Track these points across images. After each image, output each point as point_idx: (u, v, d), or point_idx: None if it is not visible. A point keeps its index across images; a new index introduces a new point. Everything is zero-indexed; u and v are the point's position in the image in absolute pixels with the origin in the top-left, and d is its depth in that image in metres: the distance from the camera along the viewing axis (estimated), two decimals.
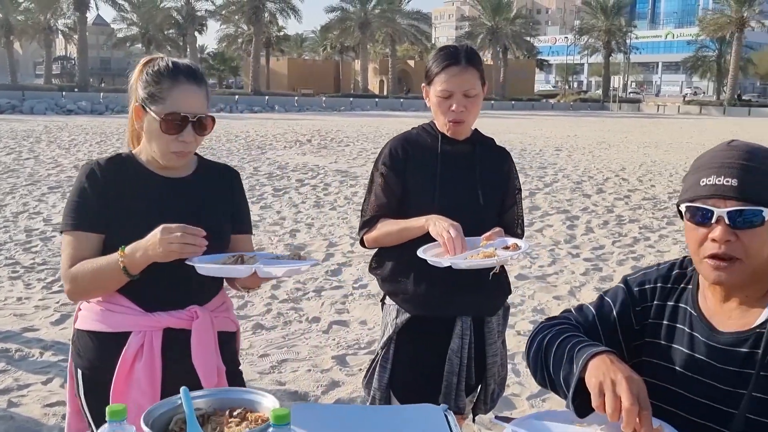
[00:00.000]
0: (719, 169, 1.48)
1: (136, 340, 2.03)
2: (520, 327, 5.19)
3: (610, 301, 1.72)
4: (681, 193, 1.58)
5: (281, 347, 4.83)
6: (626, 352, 1.68)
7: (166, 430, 1.61)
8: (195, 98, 2.06)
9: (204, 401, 1.70)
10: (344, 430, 1.72)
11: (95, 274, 1.98)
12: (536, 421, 1.54)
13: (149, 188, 2.11)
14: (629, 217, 9.68)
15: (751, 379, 1.47)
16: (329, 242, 7.85)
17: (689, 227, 1.54)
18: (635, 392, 1.39)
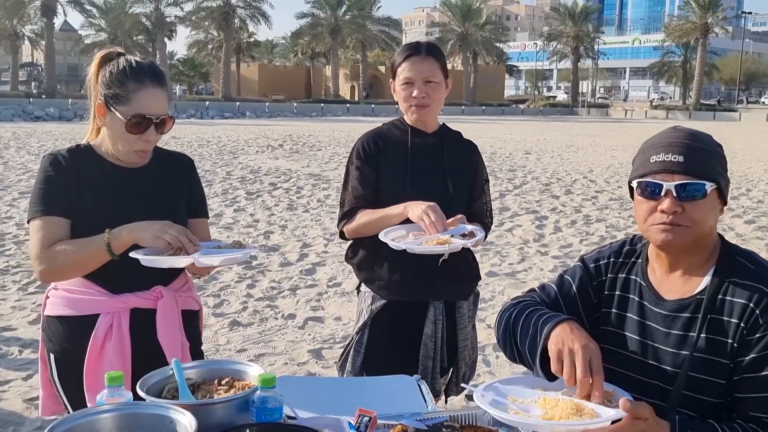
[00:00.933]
0: (667, 147, 1.66)
1: (105, 321, 2.15)
2: (490, 320, 5.35)
3: (569, 279, 1.88)
4: (632, 172, 1.75)
5: (258, 342, 4.94)
6: (587, 324, 1.83)
7: (158, 397, 1.72)
8: (159, 100, 2.17)
9: (194, 371, 1.82)
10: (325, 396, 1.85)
11: (76, 253, 2.07)
12: (501, 385, 1.68)
13: (109, 178, 2.21)
14: (597, 217, 9.92)
15: (691, 341, 1.64)
16: (303, 243, 7.96)
17: (639, 201, 1.70)
18: (589, 360, 1.54)
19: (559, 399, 1.55)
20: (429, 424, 1.75)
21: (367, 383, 2.03)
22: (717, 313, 1.65)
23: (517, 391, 1.64)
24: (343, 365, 2.69)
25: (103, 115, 2.16)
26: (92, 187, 2.18)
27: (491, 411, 1.52)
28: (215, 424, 1.60)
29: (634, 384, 1.69)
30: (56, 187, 2.15)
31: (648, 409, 1.46)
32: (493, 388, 1.64)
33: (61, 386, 2.23)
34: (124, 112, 2.12)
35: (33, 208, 2.15)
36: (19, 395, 3.98)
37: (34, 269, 2.14)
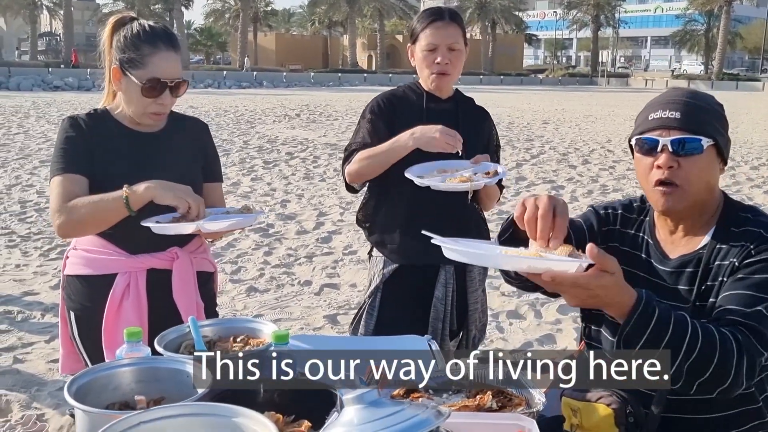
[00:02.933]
0: (665, 104, 1.68)
1: (123, 280, 2.21)
2: (504, 288, 5.39)
3: (580, 220, 1.90)
4: (632, 131, 1.76)
5: (274, 308, 5.01)
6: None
7: (176, 353, 1.78)
8: (173, 64, 2.21)
9: (210, 329, 1.88)
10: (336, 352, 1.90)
11: (95, 206, 2.11)
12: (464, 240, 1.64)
13: (125, 142, 2.26)
14: (613, 187, 9.88)
15: (693, 293, 1.67)
16: (319, 212, 8.01)
17: (638, 158, 1.73)
18: (554, 203, 1.44)
19: (521, 250, 1.47)
20: (439, 381, 1.80)
21: (378, 342, 2.08)
22: (715, 260, 1.67)
23: (479, 246, 1.60)
24: (356, 329, 2.74)
25: (119, 79, 2.20)
26: (109, 150, 2.22)
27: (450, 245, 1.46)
28: None
29: None
30: (76, 147, 2.20)
31: (616, 265, 1.37)
32: (454, 241, 1.59)
33: (81, 343, 2.30)
34: (140, 76, 2.15)
35: (54, 167, 2.20)
36: (41, 357, 4.08)
37: (53, 224, 2.19)
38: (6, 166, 10.56)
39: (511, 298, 5.24)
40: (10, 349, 4.18)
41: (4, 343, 4.28)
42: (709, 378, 1.48)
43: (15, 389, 3.66)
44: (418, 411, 1.20)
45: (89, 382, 1.55)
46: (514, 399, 1.73)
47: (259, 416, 1.35)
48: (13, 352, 4.14)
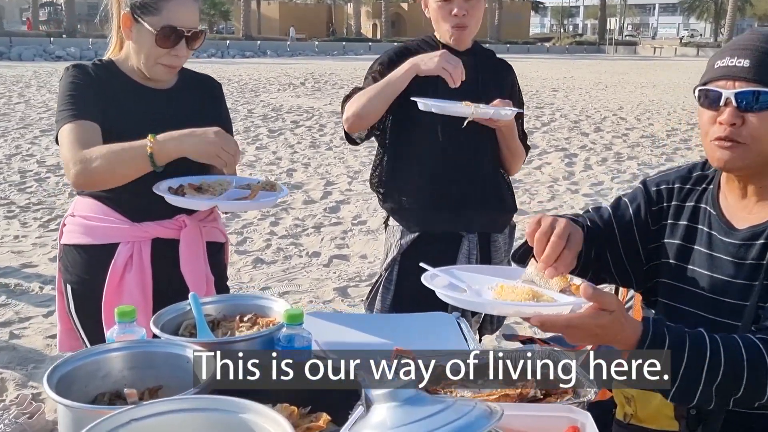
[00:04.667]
0: (734, 51, 1.45)
1: (125, 250, 2.00)
2: None
3: (627, 201, 1.69)
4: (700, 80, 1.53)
5: (282, 280, 4.82)
6: (643, 254, 1.65)
7: (175, 335, 1.58)
8: (191, 11, 1.99)
9: (213, 307, 1.67)
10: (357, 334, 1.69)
11: (115, 157, 1.85)
12: (458, 271, 1.52)
13: (134, 98, 2.04)
14: (628, 155, 9.62)
15: (764, 268, 1.45)
16: (326, 181, 7.79)
17: (701, 112, 1.51)
18: (568, 232, 1.40)
19: (516, 286, 1.39)
20: None
21: (402, 320, 1.87)
22: None
23: (473, 278, 1.48)
24: (372, 303, 2.53)
25: (129, 27, 1.97)
26: (115, 104, 2.00)
27: (430, 285, 1.40)
28: None
29: (700, 322, 1.50)
30: (85, 93, 1.97)
31: (615, 302, 1.27)
32: (449, 272, 1.50)
33: (78, 320, 2.11)
34: (154, 24, 1.93)
35: (62, 115, 1.95)
36: (39, 332, 3.90)
37: (68, 175, 1.92)
38: (6, 136, 10.33)
39: None
40: (6, 324, 4.00)
41: (1, 317, 4.10)
42: (744, 395, 1.32)
43: (11, 367, 3.48)
44: (465, 409, 0.99)
45: (74, 370, 1.34)
46: (559, 386, 1.52)
47: (269, 411, 1.14)
48: (9, 327, 3.96)
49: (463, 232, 2.44)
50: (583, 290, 1.26)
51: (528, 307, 1.32)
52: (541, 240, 1.40)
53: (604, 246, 1.65)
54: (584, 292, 1.26)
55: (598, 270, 1.67)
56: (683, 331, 1.37)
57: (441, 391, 1.48)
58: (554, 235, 1.39)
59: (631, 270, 1.67)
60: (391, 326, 1.79)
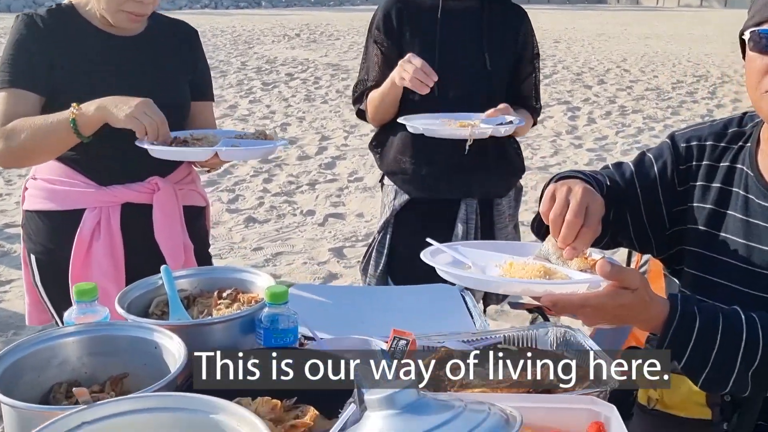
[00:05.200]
0: None
1: (92, 217, 1.81)
2: (523, 217, 4.99)
3: (651, 158, 1.49)
4: (746, 21, 1.31)
5: (275, 240, 4.65)
6: (667, 217, 1.46)
7: (145, 314, 1.40)
8: None
9: (188, 281, 1.49)
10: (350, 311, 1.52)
11: (38, 131, 1.70)
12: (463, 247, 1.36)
13: (95, 47, 1.83)
14: (632, 108, 9.37)
15: None
16: (322, 135, 7.56)
17: (752, 58, 1.29)
18: (585, 205, 1.22)
19: (527, 263, 1.24)
20: (479, 346, 1.42)
21: (401, 294, 1.70)
22: None
23: (479, 255, 1.32)
24: (366, 268, 2.35)
25: None
26: (74, 56, 1.80)
27: (430, 262, 1.25)
28: (213, 347, 1.27)
29: (735, 296, 1.33)
30: (29, 54, 1.77)
31: (638, 279, 1.13)
32: (454, 248, 1.34)
33: (45, 293, 1.93)
34: None
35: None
36: (20, 296, 3.73)
37: None
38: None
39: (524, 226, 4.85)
40: None
41: None
42: None
43: None
44: (477, 418, 0.81)
45: (24, 358, 1.17)
46: (577, 370, 1.35)
47: (244, 412, 0.97)
48: None
49: (462, 197, 2.25)
50: (600, 268, 1.10)
51: (538, 285, 1.16)
52: (557, 221, 1.24)
53: (624, 207, 1.47)
54: (602, 269, 1.10)
55: (616, 233, 1.49)
56: (716, 310, 1.21)
57: (446, 378, 1.32)
58: (569, 214, 1.22)
59: (652, 234, 1.49)
60: (389, 301, 1.61)
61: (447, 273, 1.21)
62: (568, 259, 1.23)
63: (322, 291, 1.71)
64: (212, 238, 4.84)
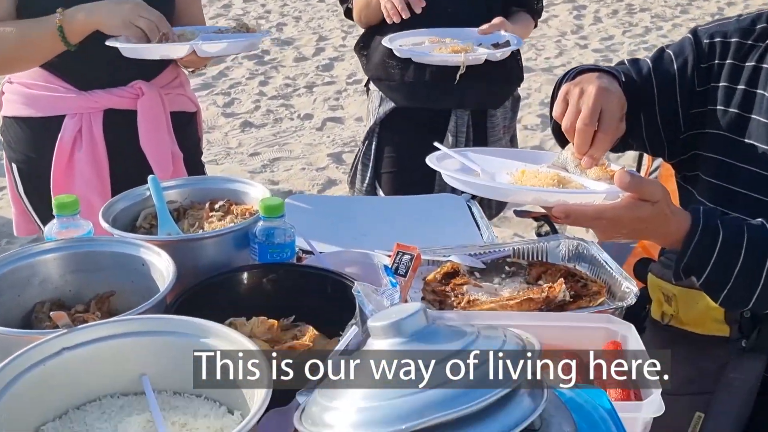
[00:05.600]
0: None
1: (72, 124, 1.71)
2: (527, 121, 4.88)
3: (671, 54, 1.37)
4: None
5: (272, 145, 4.54)
6: (683, 120, 1.35)
7: (132, 228, 1.32)
8: None
9: (178, 192, 1.40)
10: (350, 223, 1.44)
11: (20, 37, 1.58)
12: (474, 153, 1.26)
13: None
14: (640, 6, 9.00)
15: None
16: (319, 36, 7.29)
17: None
18: (599, 108, 1.13)
19: (540, 171, 1.16)
20: (486, 260, 1.35)
21: (404, 204, 1.61)
22: None
23: (490, 162, 1.22)
24: (353, 180, 2.24)
25: None
26: None
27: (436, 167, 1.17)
28: (205, 264, 1.20)
29: (757, 207, 1.24)
30: None
31: (659, 191, 1.05)
32: (463, 154, 1.25)
33: (29, 203, 1.85)
34: None
35: None
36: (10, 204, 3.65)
37: None
38: None
39: (534, 132, 4.73)
40: None
41: None
42: None
43: None
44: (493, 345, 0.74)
45: (1, 277, 1.09)
46: (590, 285, 1.29)
47: (237, 337, 0.90)
48: None
49: (452, 107, 2.09)
50: (618, 178, 1.01)
51: (551, 194, 1.07)
52: (569, 131, 1.14)
53: (638, 106, 1.35)
54: (620, 180, 1.01)
55: (627, 134, 1.38)
56: (740, 223, 1.12)
57: (452, 295, 1.25)
58: (580, 122, 1.12)
59: (665, 137, 1.38)
60: (392, 212, 1.53)
61: (454, 179, 1.12)
62: (586, 168, 1.14)
63: (321, 202, 1.63)
64: (207, 144, 4.76)
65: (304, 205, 1.51)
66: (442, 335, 0.76)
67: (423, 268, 1.34)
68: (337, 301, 1.09)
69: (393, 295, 1.03)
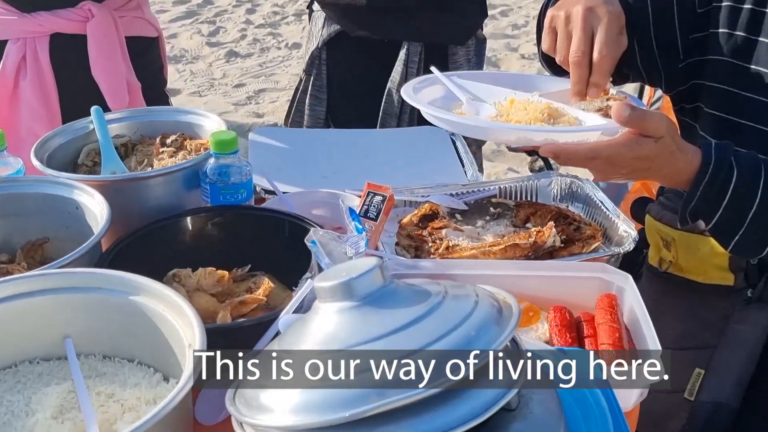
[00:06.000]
0: None
1: (15, 50, 1.55)
2: (525, 50, 4.67)
3: None
4: None
5: (258, 76, 4.35)
6: (681, 46, 1.19)
7: (74, 165, 1.18)
8: None
9: (126, 125, 1.26)
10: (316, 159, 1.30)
11: None
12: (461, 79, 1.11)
13: None
14: None
15: None
16: None
17: None
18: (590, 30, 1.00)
19: (531, 100, 1.01)
20: (469, 200, 1.22)
21: (379, 137, 1.46)
22: None
23: (479, 89, 1.07)
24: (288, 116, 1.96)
25: None
26: None
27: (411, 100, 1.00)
28: (151, 207, 1.07)
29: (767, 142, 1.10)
30: None
31: (664, 125, 0.90)
32: (451, 78, 1.09)
33: None
34: None
35: None
36: None
37: None
38: None
39: (532, 61, 4.53)
40: None
41: None
42: None
43: None
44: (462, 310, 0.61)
45: None
46: (584, 228, 1.16)
47: (172, 295, 0.78)
48: None
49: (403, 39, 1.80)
50: (616, 113, 0.87)
51: (537, 133, 0.93)
52: (565, 63, 1.01)
53: (632, 32, 1.20)
54: (618, 114, 0.87)
55: (622, 63, 1.23)
56: (757, 161, 0.99)
57: (429, 238, 1.12)
58: (572, 53, 0.99)
59: (662, 65, 1.22)
60: (366, 146, 1.39)
61: (429, 114, 0.97)
62: (592, 98, 1.00)
63: (289, 135, 1.48)
64: (190, 75, 4.57)
65: (268, 140, 1.37)
66: (401, 297, 0.63)
67: (399, 209, 1.21)
68: (297, 248, 0.96)
69: (358, 243, 0.90)
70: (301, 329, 0.64)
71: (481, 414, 0.56)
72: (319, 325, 0.62)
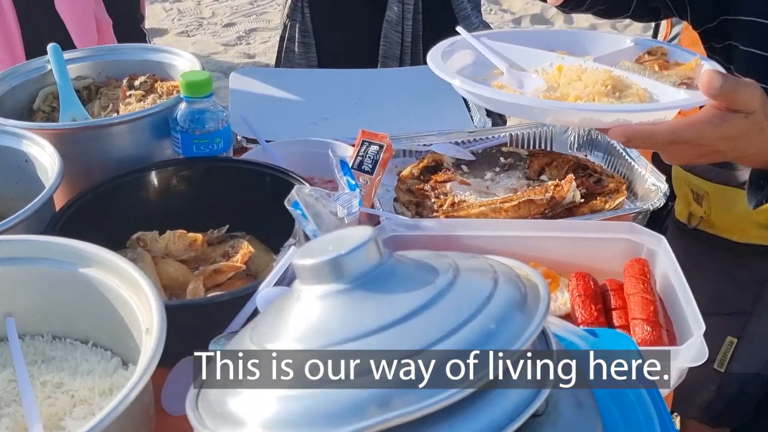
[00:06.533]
0: None
1: None
2: None
3: None
4: None
5: (249, 15, 4.16)
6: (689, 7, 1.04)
7: (29, 111, 1.04)
8: None
9: (89, 65, 1.11)
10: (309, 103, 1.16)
11: None
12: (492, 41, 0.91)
13: None
14: None
15: None
16: None
17: None
18: None
19: (586, 67, 0.83)
20: (477, 150, 1.08)
21: (376, 77, 1.31)
22: None
23: (514, 51, 0.89)
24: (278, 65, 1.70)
25: None
26: None
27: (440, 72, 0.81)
28: (115, 159, 0.93)
29: None
30: None
31: (757, 96, 0.72)
32: (480, 40, 0.90)
33: None
34: None
35: None
36: None
37: None
38: None
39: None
40: None
41: None
42: None
43: None
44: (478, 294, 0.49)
45: None
46: (606, 180, 1.03)
47: (126, 267, 0.65)
48: None
49: None
50: (705, 83, 0.69)
51: (606, 113, 0.75)
52: None
53: None
54: (708, 86, 0.68)
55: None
56: None
57: (432, 193, 0.99)
58: None
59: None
60: (361, 89, 1.24)
61: (465, 91, 0.80)
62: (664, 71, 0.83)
63: (272, 76, 1.33)
64: (178, 14, 4.36)
65: (252, 81, 1.22)
66: (402, 278, 0.51)
67: (398, 160, 1.08)
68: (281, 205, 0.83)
69: (350, 202, 0.78)
70: (277, 318, 0.51)
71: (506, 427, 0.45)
72: (299, 314, 0.50)
